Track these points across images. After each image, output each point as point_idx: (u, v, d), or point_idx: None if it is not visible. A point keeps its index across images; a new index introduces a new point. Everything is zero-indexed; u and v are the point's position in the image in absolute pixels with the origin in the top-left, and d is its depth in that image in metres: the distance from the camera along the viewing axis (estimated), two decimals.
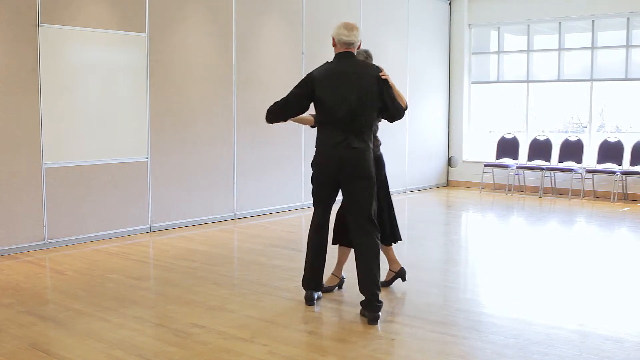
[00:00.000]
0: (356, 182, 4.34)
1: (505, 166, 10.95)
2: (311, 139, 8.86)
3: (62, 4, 6.47)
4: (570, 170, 10.34)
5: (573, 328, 4.20)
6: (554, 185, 10.76)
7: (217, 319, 4.34)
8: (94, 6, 6.74)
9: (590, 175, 10.33)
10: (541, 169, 10.58)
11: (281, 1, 8.70)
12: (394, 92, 4.41)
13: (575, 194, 10.39)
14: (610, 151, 10.20)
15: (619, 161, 10.10)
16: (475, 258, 6.73)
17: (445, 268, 6.06)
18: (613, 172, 10.00)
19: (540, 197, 10.48)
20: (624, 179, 10.15)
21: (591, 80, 10.67)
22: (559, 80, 11.07)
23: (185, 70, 7.61)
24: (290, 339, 3.97)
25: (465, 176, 11.84)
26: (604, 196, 10.26)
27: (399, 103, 4.42)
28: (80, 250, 6.43)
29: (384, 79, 4.37)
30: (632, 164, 10.04)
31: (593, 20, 10.55)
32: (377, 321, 4.22)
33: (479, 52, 11.96)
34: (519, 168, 10.90)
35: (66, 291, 5.01)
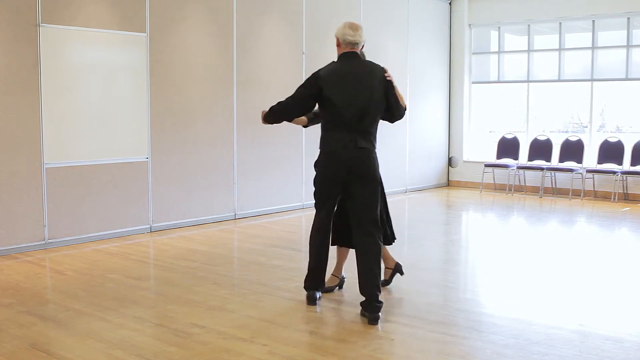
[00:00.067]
0: (362, 184, 4.33)
1: (505, 166, 10.95)
2: (311, 139, 8.93)
3: (62, 4, 6.47)
4: (570, 170, 10.34)
5: (573, 328, 4.20)
6: (554, 185, 10.76)
7: (217, 319, 4.34)
8: (94, 6, 6.74)
9: (590, 175, 10.33)
10: (541, 169, 10.58)
11: (281, 1, 8.70)
12: (396, 93, 4.43)
13: (576, 194, 10.39)
14: (610, 151, 10.20)
15: (619, 161, 10.09)
16: (475, 258, 6.72)
17: (445, 268, 6.06)
18: (613, 172, 9.99)
19: (541, 197, 10.48)
20: (625, 179, 10.14)
21: (591, 80, 10.67)
22: (559, 80, 11.07)
23: (185, 70, 7.61)
24: (290, 339, 3.97)
25: (466, 176, 11.84)
26: (605, 196, 10.25)
27: (400, 104, 4.45)
28: (80, 250, 6.43)
29: (388, 80, 4.39)
30: (633, 164, 10.03)
31: (593, 20, 10.54)
32: (378, 321, 4.22)
33: (479, 52, 11.96)
34: (520, 168, 10.90)
35: (66, 291, 5.01)
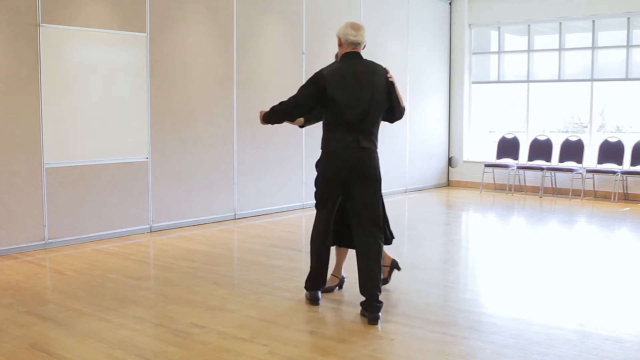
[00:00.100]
0: (364, 183, 4.32)
1: (505, 166, 10.95)
2: (311, 139, 8.93)
3: (62, 4, 6.47)
4: (570, 170, 10.34)
5: (573, 328, 4.20)
6: (554, 185, 10.76)
7: (217, 319, 4.34)
8: (94, 6, 6.74)
9: (590, 175, 10.33)
10: (542, 169, 10.58)
11: (281, 1, 8.69)
12: (397, 93, 4.45)
13: (576, 194, 10.39)
14: (610, 151, 10.20)
15: (619, 161, 10.09)
16: (475, 258, 6.72)
17: (445, 268, 6.06)
18: (613, 172, 9.99)
19: (541, 197, 10.48)
20: (625, 179, 10.14)
21: (591, 80, 10.67)
22: (559, 80, 11.07)
23: (185, 70, 7.61)
24: (290, 339, 3.97)
25: (466, 176, 11.84)
26: (605, 196, 10.25)
27: (400, 105, 4.48)
28: (80, 250, 6.43)
29: (390, 81, 4.40)
30: (633, 164, 10.03)
31: (593, 20, 10.54)
32: (377, 321, 4.22)
33: (479, 52, 11.96)
34: (520, 168, 10.90)
35: (66, 291, 5.01)
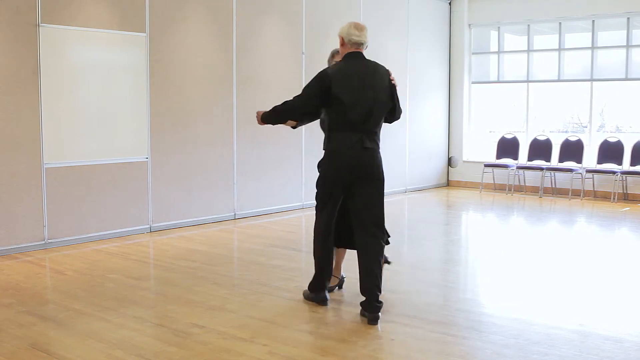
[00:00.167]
0: (366, 184, 4.32)
1: (505, 166, 10.95)
2: (311, 139, 8.93)
3: (62, 4, 6.47)
4: (570, 170, 10.34)
5: (573, 328, 4.20)
6: (554, 185, 10.76)
7: (217, 319, 4.34)
8: (94, 6, 6.74)
9: (590, 175, 10.33)
10: (541, 169, 10.58)
11: (281, 1, 8.69)
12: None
13: (576, 194, 10.39)
14: (610, 151, 10.20)
15: (619, 161, 10.09)
16: (475, 258, 6.72)
17: (445, 268, 6.06)
18: (613, 172, 9.99)
19: (541, 197, 10.48)
20: (624, 179, 10.14)
21: (591, 80, 10.67)
22: (559, 80, 11.07)
23: (185, 70, 7.61)
24: (290, 339, 3.97)
25: (466, 176, 11.84)
26: (604, 196, 10.25)
27: (400, 106, 4.54)
28: (80, 250, 6.43)
29: (392, 84, 4.43)
30: (632, 164, 10.03)
31: (593, 20, 10.54)
32: (377, 321, 4.22)
33: (479, 52, 11.96)
34: (519, 168, 10.90)
35: (66, 291, 5.01)
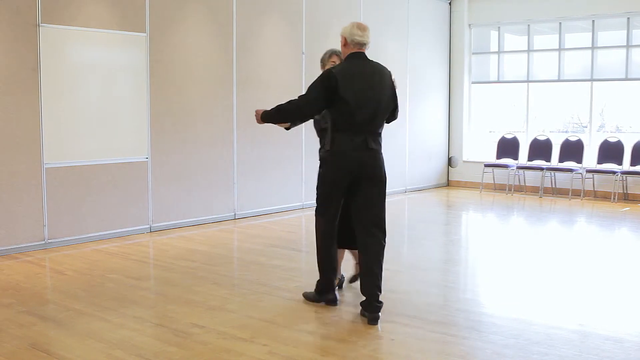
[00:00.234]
0: (369, 184, 4.32)
1: (505, 166, 10.95)
2: (311, 139, 8.91)
3: (62, 4, 6.47)
4: (570, 170, 10.34)
5: (573, 328, 4.20)
6: (554, 185, 10.76)
7: (217, 319, 4.34)
8: (94, 6, 6.74)
9: (590, 175, 10.32)
10: (541, 169, 10.58)
11: (281, 1, 8.69)
12: None
13: (576, 194, 10.39)
14: (610, 151, 10.20)
15: (619, 161, 10.09)
16: (475, 258, 6.72)
17: (445, 268, 6.06)
18: (613, 172, 9.99)
19: (541, 197, 10.48)
20: (624, 179, 10.14)
21: (591, 80, 10.67)
22: (559, 80, 11.07)
23: (185, 70, 7.61)
24: (290, 339, 3.97)
25: (466, 176, 11.83)
26: (604, 196, 10.25)
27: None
28: (80, 250, 6.43)
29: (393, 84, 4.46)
30: (633, 164, 10.03)
31: (593, 20, 10.54)
32: (377, 321, 4.23)
33: (479, 52, 11.96)
34: (519, 168, 10.90)
35: (66, 291, 5.01)
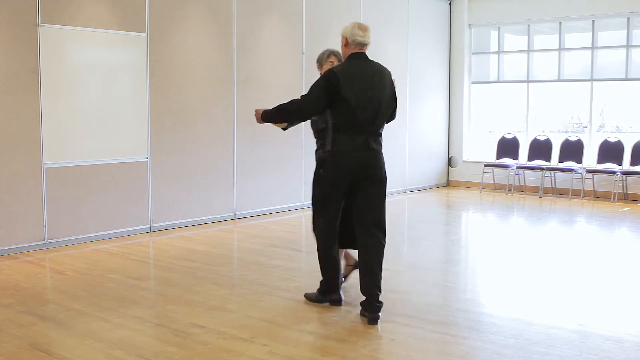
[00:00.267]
0: (369, 184, 4.32)
1: (505, 166, 10.95)
2: (311, 139, 8.88)
3: (62, 4, 6.47)
4: (570, 170, 10.34)
5: (573, 328, 4.20)
6: (554, 185, 10.76)
7: (217, 319, 4.34)
8: (94, 6, 6.74)
9: (590, 175, 10.32)
10: (541, 169, 10.58)
11: (281, 1, 8.69)
12: None
13: (576, 194, 10.39)
14: (610, 151, 10.20)
15: (619, 161, 10.09)
16: (475, 258, 6.72)
17: (445, 268, 6.06)
18: (613, 172, 9.99)
19: (541, 197, 10.48)
20: (624, 179, 10.14)
21: (591, 80, 10.67)
22: (559, 80, 11.07)
23: (185, 70, 7.61)
24: (290, 339, 3.97)
25: (466, 176, 11.83)
26: (604, 196, 10.25)
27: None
28: (80, 250, 6.43)
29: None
30: (633, 164, 10.03)
31: (593, 20, 10.54)
32: (377, 321, 4.23)
33: (479, 52, 11.95)
34: (519, 168, 10.90)
35: (66, 291, 5.01)
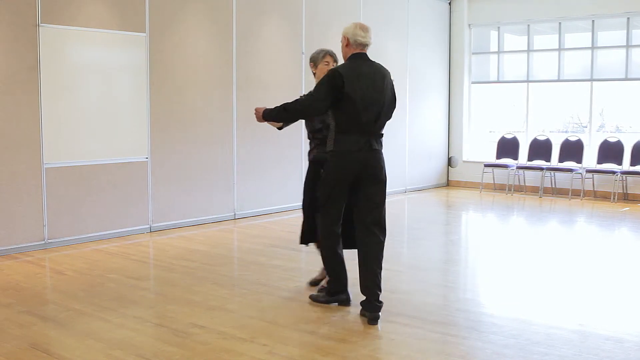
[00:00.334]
0: (370, 184, 4.32)
1: (505, 166, 10.95)
2: None
3: (62, 4, 6.47)
4: (570, 170, 10.34)
5: (573, 328, 4.20)
6: (554, 185, 10.76)
7: (217, 319, 4.34)
8: (94, 6, 6.74)
9: (590, 175, 10.32)
10: (541, 169, 10.58)
11: (281, 1, 8.69)
12: None
13: (576, 194, 10.39)
14: (610, 151, 10.20)
15: (619, 161, 10.09)
16: (475, 258, 6.72)
17: (445, 268, 6.06)
18: (613, 172, 9.99)
19: (541, 197, 10.47)
20: (624, 179, 10.14)
21: (591, 80, 10.67)
22: (559, 80, 11.06)
23: (185, 70, 7.61)
24: (290, 339, 3.97)
25: (466, 176, 11.83)
26: (604, 196, 10.25)
27: None
28: (80, 250, 6.43)
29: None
30: (632, 164, 10.03)
31: (593, 20, 10.54)
32: (377, 321, 4.23)
33: (479, 52, 11.95)
34: (519, 168, 10.90)
35: (66, 291, 5.01)
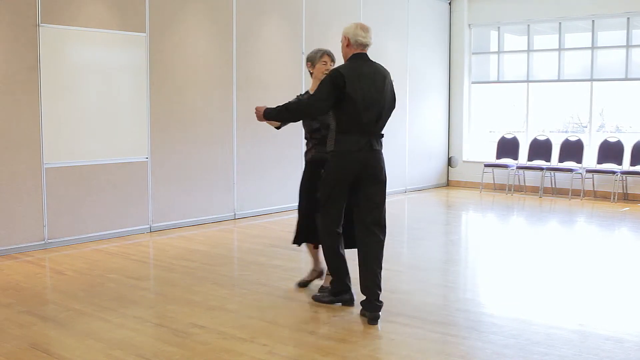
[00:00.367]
0: (370, 184, 4.32)
1: (505, 166, 10.95)
2: None
3: (62, 4, 6.47)
4: (570, 170, 10.34)
5: (573, 328, 4.20)
6: (554, 185, 10.76)
7: (217, 319, 4.34)
8: (94, 6, 6.74)
9: (590, 175, 10.32)
10: (541, 169, 10.58)
11: (281, 1, 8.69)
12: None
13: (576, 194, 10.39)
14: (610, 151, 10.19)
15: (619, 161, 10.09)
16: (475, 258, 6.72)
17: (445, 268, 6.06)
18: (613, 172, 9.99)
19: (541, 197, 10.47)
20: (624, 179, 10.14)
21: (591, 80, 10.67)
22: (559, 80, 11.06)
23: (185, 70, 7.61)
24: (290, 339, 3.97)
25: (466, 176, 11.83)
26: (604, 196, 10.25)
27: None
28: (80, 250, 6.43)
29: None
30: (632, 164, 10.03)
31: (593, 20, 10.54)
32: (377, 321, 4.23)
33: (479, 52, 11.95)
34: (519, 168, 10.90)
35: (66, 291, 5.01)
